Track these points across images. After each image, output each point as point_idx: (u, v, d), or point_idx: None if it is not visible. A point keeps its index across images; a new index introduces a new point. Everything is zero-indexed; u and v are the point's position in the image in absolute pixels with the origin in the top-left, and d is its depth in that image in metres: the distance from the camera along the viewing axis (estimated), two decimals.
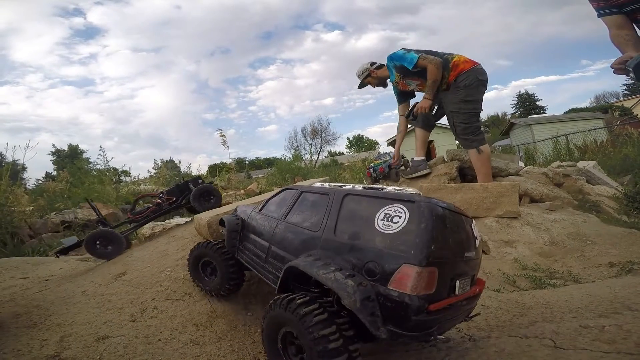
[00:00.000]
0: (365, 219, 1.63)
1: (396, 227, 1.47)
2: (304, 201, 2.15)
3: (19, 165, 9.75)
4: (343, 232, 1.70)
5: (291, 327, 1.54)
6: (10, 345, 2.45)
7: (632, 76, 1.87)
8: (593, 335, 1.73)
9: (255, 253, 2.37)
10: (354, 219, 1.70)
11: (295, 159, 18.46)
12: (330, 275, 1.49)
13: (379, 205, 1.60)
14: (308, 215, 2.03)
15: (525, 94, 42.98)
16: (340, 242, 1.67)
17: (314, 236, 1.82)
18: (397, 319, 1.39)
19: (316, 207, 1.99)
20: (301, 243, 1.89)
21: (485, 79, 3.57)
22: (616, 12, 1.95)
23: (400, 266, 1.39)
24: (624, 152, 8.97)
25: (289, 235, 2.06)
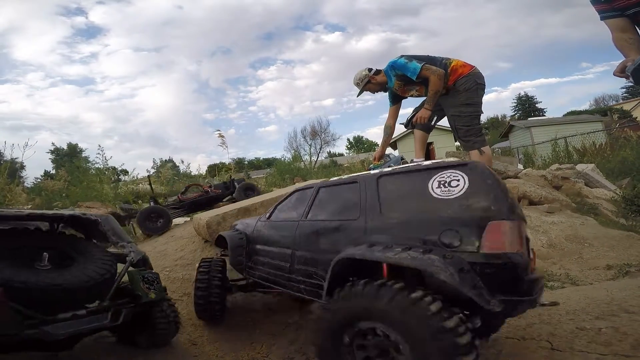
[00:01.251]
0: (415, 192, 1.50)
1: (459, 189, 1.36)
2: (325, 196, 2.02)
3: (17, 164, 9.73)
4: (392, 212, 1.55)
5: (378, 321, 1.28)
6: None
7: (631, 80, 1.89)
8: (589, 338, 1.74)
9: (274, 265, 2.15)
10: (401, 196, 1.57)
11: (294, 160, 18.47)
12: (404, 255, 1.29)
13: (425, 176, 1.49)
14: (336, 208, 1.88)
15: (525, 96, 43.12)
16: (393, 222, 1.52)
17: (355, 225, 1.65)
18: (505, 284, 1.22)
19: (343, 197, 1.86)
20: (339, 236, 1.72)
21: (483, 82, 3.60)
22: (619, 15, 1.96)
23: (488, 225, 1.25)
24: (622, 155, 8.99)
25: (319, 233, 1.86)
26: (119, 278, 1.92)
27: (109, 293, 1.85)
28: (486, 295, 1.18)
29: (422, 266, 1.24)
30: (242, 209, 3.65)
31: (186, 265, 3.44)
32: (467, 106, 3.54)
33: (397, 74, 3.63)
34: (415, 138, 4.49)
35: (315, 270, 1.79)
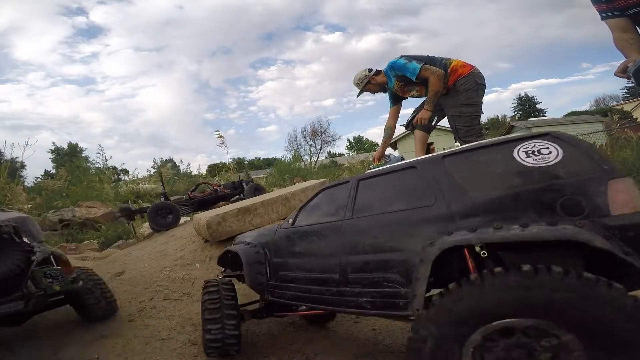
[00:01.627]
0: (502, 166, 1.36)
1: (554, 156, 1.27)
2: (370, 189, 1.75)
3: (17, 163, 9.74)
4: (476, 191, 1.36)
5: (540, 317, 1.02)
6: (8, 344, 2.44)
7: (633, 81, 1.88)
8: None
9: (314, 279, 1.78)
10: (482, 173, 1.41)
11: (294, 160, 18.47)
12: (534, 230, 1.11)
13: (506, 150, 1.37)
14: (393, 199, 1.61)
15: (525, 96, 43.09)
16: (483, 202, 1.32)
17: (434, 212, 1.41)
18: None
19: (399, 186, 1.63)
20: (412, 229, 1.44)
21: (483, 82, 3.59)
22: (620, 15, 1.95)
23: (608, 185, 1.16)
24: (622, 156, 8.97)
25: (380, 229, 1.56)
26: (28, 274, 2.19)
27: (22, 285, 2.13)
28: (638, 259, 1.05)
29: (565, 237, 1.06)
30: (242, 209, 3.65)
31: (186, 265, 3.44)
32: (467, 106, 3.53)
33: (397, 74, 3.62)
34: (415, 139, 4.49)
35: (384, 276, 1.47)
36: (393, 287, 1.43)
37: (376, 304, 1.49)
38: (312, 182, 4.68)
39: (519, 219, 1.21)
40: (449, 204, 1.39)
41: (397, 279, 1.43)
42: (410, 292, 1.34)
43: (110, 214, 7.72)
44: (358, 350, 2.22)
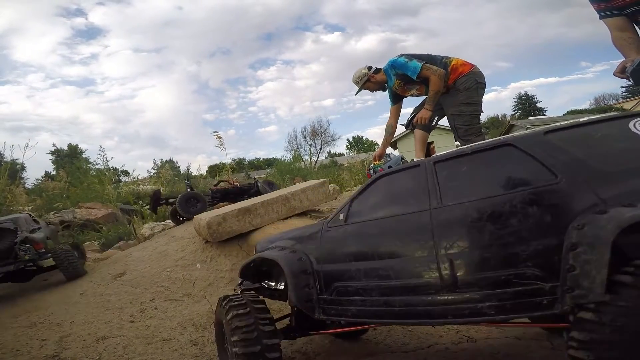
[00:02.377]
0: (626, 142, 1.24)
1: None
2: (456, 171, 1.49)
3: (18, 165, 9.74)
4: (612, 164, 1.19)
5: None
6: (10, 345, 2.45)
7: (631, 81, 1.88)
8: None
9: (399, 288, 1.45)
10: (610, 147, 1.26)
11: (294, 160, 18.47)
12: None
13: (621, 125, 1.28)
14: (496, 179, 1.37)
15: (525, 95, 43.05)
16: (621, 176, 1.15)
17: (567, 190, 1.19)
18: None
19: (497, 165, 1.40)
20: (544, 210, 1.19)
21: (483, 81, 3.58)
22: (617, 14, 1.95)
23: None
24: None
25: (496, 217, 1.26)
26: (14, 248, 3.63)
27: (10, 256, 3.60)
28: None
29: None
30: (242, 209, 3.65)
31: (187, 266, 3.44)
32: (467, 105, 3.53)
33: (397, 73, 3.62)
34: (415, 138, 4.50)
35: (516, 272, 1.21)
36: (531, 284, 1.18)
37: (506, 307, 1.22)
38: (312, 182, 4.68)
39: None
40: (583, 180, 1.19)
41: (536, 273, 1.18)
42: (559, 286, 1.12)
43: (110, 215, 7.73)
44: (359, 350, 2.22)
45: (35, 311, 3.04)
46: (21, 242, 3.64)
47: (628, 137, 1.22)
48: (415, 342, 2.16)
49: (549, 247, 1.16)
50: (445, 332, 2.22)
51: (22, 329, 2.67)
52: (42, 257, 3.69)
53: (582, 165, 1.22)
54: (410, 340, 2.20)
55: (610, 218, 1.04)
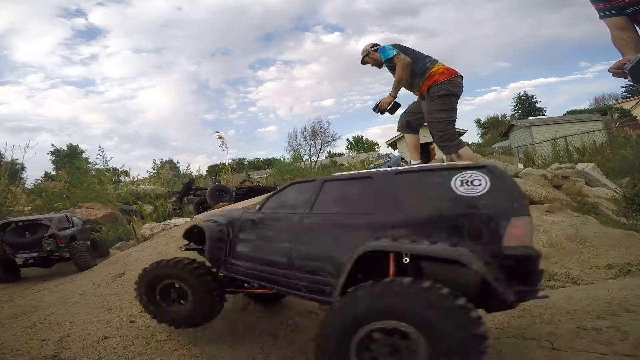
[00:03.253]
0: (438, 190, 1.56)
1: (482, 188, 1.45)
2: (332, 190, 1.95)
3: (17, 165, 9.74)
4: (411, 207, 1.59)
5: (399, 319, 1.27)
6: (9, 345, 2.45)
7: (629, 79, 1.89)
8: (591, 337, 1.74)
9: (267, 261, 2.02)
10: (421, 193, 1.61)
11: (294, 160, 18.49)
12: (434, 247, 1.36)
13: (447, 176, 1.56)
14: (348, 202, 1.84)
15: (525, 95, 43.06)
16: (413, 218, 1.56)
17: (372, 219, 1.65)
18: (521, 275, 1.33)
19: (356, 192, 1.84)
20: (352, 231, 1.68)
21: (456, 90, 3.70)
22: (618, 14, 1.96)
23: (509, 221, 1.35)
24: (622, 154, 8.99)
25: (328, 227, 1.81)
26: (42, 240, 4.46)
27: (38, 245, 4.44)
28: (506, 286, 1.28)
29: (457, 258, 1.29)
30: (242, 209, 3.65)
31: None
32: (441, 112, 3.65)
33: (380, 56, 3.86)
34: (407, 143, 4.61)
35: (321, 266, 1.73)
36: (324, 277, 1.70)
37: (310, 287, 1.75)
38: None
39: (434, 237, 1.43)
40: (385, 214, 1.63)
41: (330, 270, 1.68)
42: (335, 283, 1.59)
43: (110, 215, 7.73)
44: None
45: (34, 311, 3.03)
46: (49, 236, 4.45)
47: (444, 189, 1.54)
48: None
49: (344, 255, 1.61)
50: None
51: (22, 329, 2.67)
52: (60, 250, 4.50)
53: (395, 204, 1.63)
54: None
55: (365, 244, 1.52)
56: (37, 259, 4.47)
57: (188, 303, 2.28)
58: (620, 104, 31.77)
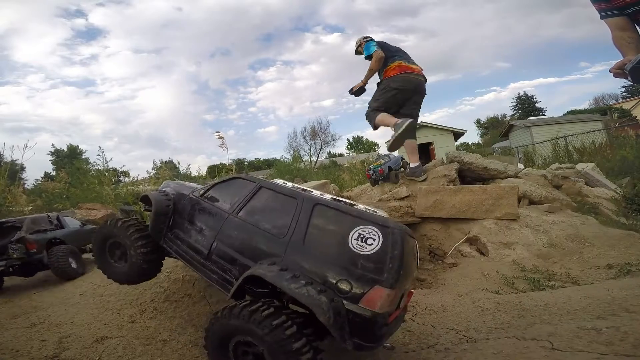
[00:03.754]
0: (338, 235, 1.66)
1: (370, 249, 1.56)
2: (263, 198, 2.02)
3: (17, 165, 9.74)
4: (313, 243, 1.70)
5: (249, 336, 1.55)
6: (9, 345, 2.45)
7: (630, 79, 1.89)
8: (590, 337, 1.74)
9: (193, 247, 2.13)
10: (326, 232, 1.72)
11: (294, 161, 18.48)
12: (303, 290, 1.52)
13: (352, 224, 1.65)
14: (269, 217, 1.90)
15: (525, 95, 43.09)
16: (310, 254, 1.67)
17: (279, 242, 1.75)
18: (363, 332, 1.52)
19: (279, 208, 1.91)
20: (261, 247, 1.81)
21: (398, 85, 4.33)
22: (618, 14, 1.96)
23: (372, 288, 1.51)
24: (622, 154, 8.98)
25: (244, 235, 1.91)
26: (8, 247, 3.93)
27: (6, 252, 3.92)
28: (346, 336, 1.48)
29: (310, 305, 1.48)
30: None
31: (187, 267, 3.44)
32: (373, 100, 4.43)
33: None
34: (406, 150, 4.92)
35: (230, 268, 1.89)
36: (231, 277, 1.87)
37: (219, 282, 1.93)
38: (313, 183, 4.68)
39: (318, 278, 1.58)
40: (289, 241, 1.73)
41: (236, 274, 1.85)
42: (233, 288, 1.79)
43: (110, 216, 7.73)
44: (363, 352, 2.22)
45: (34, 312, 3.03)
46: (16, 241, 3.89)
47: (341, 238, 1.64)
48: (416, 342, 2.16)
49: (243, 264, 1.82)
50: (445, 332, 2.22)
51: (22, 330, 2.67)
52: (32, 256, 3.91)
53: (299, 234, 1.76)
54: (410, 340, 2.20)
55: (256, 270, 1.68)
56: (11, 267, 3.86)
57: (127, 261, 2.40)
58: (620, 104, 31.77)
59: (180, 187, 2.56)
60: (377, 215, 1.69)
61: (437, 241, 4.08)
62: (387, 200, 4.67)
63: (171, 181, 2.79)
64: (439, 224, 4.18)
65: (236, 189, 2.17)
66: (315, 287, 1.52)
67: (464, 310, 2.48)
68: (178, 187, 2.56)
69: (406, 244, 1.59)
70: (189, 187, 2.53)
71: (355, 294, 1.50)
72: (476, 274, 3.27)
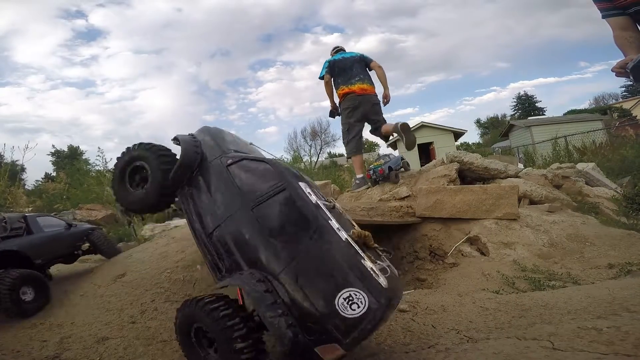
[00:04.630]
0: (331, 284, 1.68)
1: (355, 314, 1.56)
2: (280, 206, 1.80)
3: (18, 166, 9.75)
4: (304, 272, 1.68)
5: (203, 324, 1.72)
6: (10, 346, 2.45)
7: (631, 78, 1.89)
8: (591, 337, 1.74)
9: (201, 219, 2.00)
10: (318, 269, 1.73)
11: (295, 161, 18.48)
12: (275, 320, 1.58)
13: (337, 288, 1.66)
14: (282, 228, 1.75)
15: (525, 95, 43.06)
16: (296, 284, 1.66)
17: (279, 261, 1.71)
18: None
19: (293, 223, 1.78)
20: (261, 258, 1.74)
21: (350, 104, 4.93)
22: (620, 13, 1.96)
23: (333, 345, 1.55)
24: (622, 154, 8.98)
25: (251, 235, 1.80)
26: None
27: None
28: None
29: (275, 336, 1.59)
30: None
31: (187, 267, 3.44)
32: (342, 125, 5.09)
33: None
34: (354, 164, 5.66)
35: (225, 258, 1.94)
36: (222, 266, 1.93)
37: (211, 264, 1.99)
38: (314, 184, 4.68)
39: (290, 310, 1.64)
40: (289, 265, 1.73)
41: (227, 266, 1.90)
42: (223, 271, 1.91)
43: (111, 217, 7.74)
44: (360, 351, 2.22)
45: None
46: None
47: None
48: (416, 342, 2.16)
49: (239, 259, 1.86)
50: (446, 332, 2.22)
51: (22, 330, 2.67)
52: None
53: None
54: (411, 340, 2.20)
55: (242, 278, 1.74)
56: None
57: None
58: (620, 104, 31.76)
59: (216, 140, 2.26)
60: None
61: (438, 241, 4.08)
62: (387, 200, 4.67)
63: (213, 128, 2.43)
64: (440, 224, 4.18)
65: (260, 176, 1.93)
66: (287, 321, 1.56)
67: (464, 310, 2.48)
68: (212, 141, 2.24)
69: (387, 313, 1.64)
70: (226, 144, 2.25)
71: (319, 340, 1.57)
72: (477, 274, 3.27)
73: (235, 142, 2.38)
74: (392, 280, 1.67)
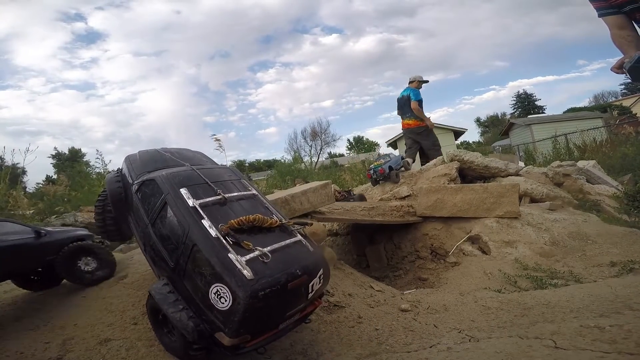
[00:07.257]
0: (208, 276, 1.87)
1: (222, 306, 1.72)
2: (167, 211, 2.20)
3: (19, 169, 9.75)
4: (190, 272, 1.90)
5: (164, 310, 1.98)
6: (13, 347, 2.46)
7: (629, 77, 1.89)
8: (594, 335, 1.74)
9: (138, 235, 2.48)
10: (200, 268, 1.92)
11: (295, 161, 18.48)
12: (177, 315, 1.85)
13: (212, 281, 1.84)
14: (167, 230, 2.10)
15: (524, 93, 43.03)
16: (190, 280, 1.88)
17: (170, 267, 2.01)
18: None
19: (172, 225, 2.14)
20: (165, 258, 2.06)
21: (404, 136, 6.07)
22: (616, 12, 1.96)
23: (218, 332, 1.76)
24: (622, 151, 8.97)
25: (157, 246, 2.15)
26: None
27: None
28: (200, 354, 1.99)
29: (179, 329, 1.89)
30: None
31: None
32: None
33: None
34: None
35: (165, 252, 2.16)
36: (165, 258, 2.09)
37: (156, 263, 2.26)
38: (314, 184, 4.68)
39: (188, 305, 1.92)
40: (177, 264, 2.01)
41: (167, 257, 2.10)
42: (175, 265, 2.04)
43: None
44: (361, 351, 2.22)
45: (37, 314, 3.04)
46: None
47: None
48: (418, 342, 2.16)
49: None
50: (448, 331, 2.22)
51: (25, 332, 2.68)
52: None
53: None
54: (412, 340, 2.20)
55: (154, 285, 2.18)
56: None
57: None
58: (620, 102, 31.72)
59: (130, 168, 2.65)
60: None
61: (439, 240, 4.07)
62: (388, 200, 4.67)
63: (132, 155, 2.87)
64: (441, 223, 4.18)
65: (153, 194, 2.26)
66: (188, 314, 1.83)
67: (466, 309, 2.48)
68: (126, 170, 2.70)
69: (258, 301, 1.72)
70: (141, 168, 2.58)
71: (213, 328, 1.78)
72: (478, 272, 3.27)
73: (154, 160, 2.63)
74: (272, 264, 1.77)
